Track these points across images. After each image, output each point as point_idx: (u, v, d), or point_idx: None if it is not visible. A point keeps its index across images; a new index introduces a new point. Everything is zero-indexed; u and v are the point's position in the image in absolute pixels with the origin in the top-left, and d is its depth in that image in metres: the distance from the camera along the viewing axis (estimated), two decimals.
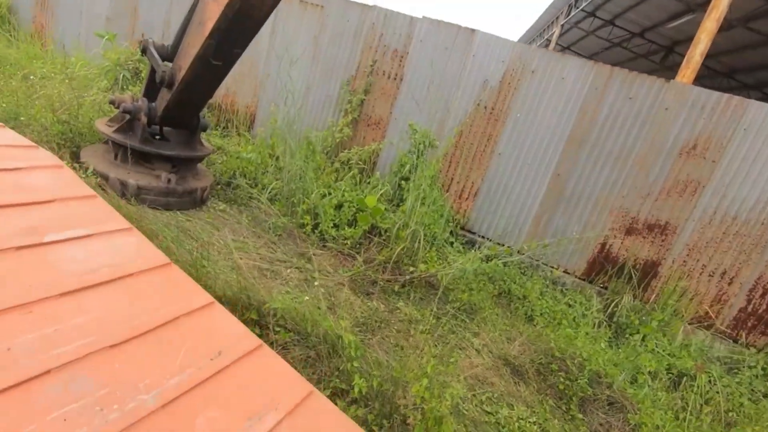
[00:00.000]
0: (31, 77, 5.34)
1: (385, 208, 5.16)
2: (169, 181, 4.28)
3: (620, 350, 4.40)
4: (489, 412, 3.12)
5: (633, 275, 5.40)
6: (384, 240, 4.68)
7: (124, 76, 6.35)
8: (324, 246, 4.73)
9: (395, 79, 6.37)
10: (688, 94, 5.06)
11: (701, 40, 5.56)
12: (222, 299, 3.11)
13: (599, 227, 5.55)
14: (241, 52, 3.81)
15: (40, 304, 1.28)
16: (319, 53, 6.75)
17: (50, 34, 9.01)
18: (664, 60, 16.53)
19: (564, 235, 5.69)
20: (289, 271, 4.12)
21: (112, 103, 4.28)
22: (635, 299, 5.32)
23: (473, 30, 5.86)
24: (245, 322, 3.00)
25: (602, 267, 5.58)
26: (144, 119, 4.16)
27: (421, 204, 4.58)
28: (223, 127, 7.06)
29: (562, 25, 16.29)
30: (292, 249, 4.53)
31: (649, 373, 3.83)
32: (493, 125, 5.90)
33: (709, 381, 3.95)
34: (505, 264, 4.94)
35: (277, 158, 5.39)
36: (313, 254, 4.52)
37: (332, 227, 4.74)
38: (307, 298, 2.97)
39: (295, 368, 2.75)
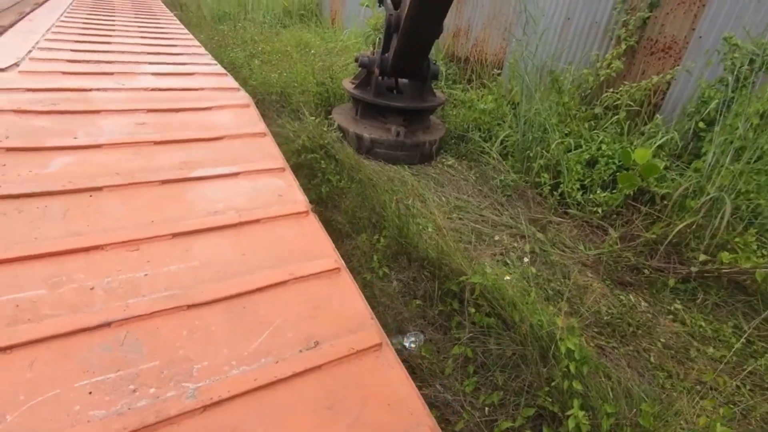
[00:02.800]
0: (312, 51, 6.30)
1: (666, 167, 3.60)
2: (398, 134, 4.20)
3: None
4: None
5: None
6: (658, 211, 3.25)
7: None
8: (565, 213, 3.70)
9: None
10: None
11: None
12: (424, 262, 2.76)
13: None
14: None
15: (148, 243, 1.15)
16: None
17: (341, 18, 10.67)
18: None
19: None
20: (512, 239, 3.40)
21: (356, 61, 4.47)
22: None
23: None
24: (444, 293, 2.55)
25: None
26: (377, 71, 4.14)
27: (733, 160, 2.88)
28: (468, 80, 6.63)
29: None
30: (522, 213, 3.74)
31: None
32: None
33: None
34: None
35: (516, 106, 4.54)
36: (549, 222, 3.60)
37: (578, 189, 3.64)
38: (508, 277, 2.22)
39: (488, 367, 2.12)
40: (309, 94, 4.79)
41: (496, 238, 3.39)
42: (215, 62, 2.60)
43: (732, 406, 2.13)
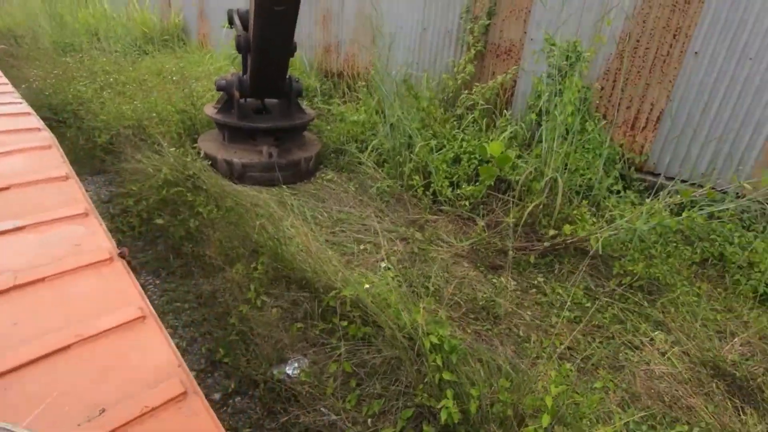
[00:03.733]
0: (175, 78, 5.90)
1: (518, 155, 4.00)
2: (270, 155, 4.09)
3: None
4: None
5: None
6: (514, 197, 3.59)
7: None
8: (439, 210, 3.92)
9: None
10: None
11: None
12: (302, 283, 2.69)
13: None
14: None
15: None
16: None
17: (209, 41, 10.20)
18: None
19: None
20: (393, 243, 3.49)
21: (215, 84, 4.27)
22: None
23: None
24: (324, 311, 2.51)
25: None
26: (237, 93, 4.01)
27: (562, 142, 3.30)
28: (342, 94, 6.75)
29: None
30: (402, 216, 3.87)
31: None
32: (683, 12, 3.97)
33: None
34: (711, 216, 3.25)
35: (384, 115, 4.73)
36: (426, 221, 3.77)
37: (447, 186, 3.88)
38: (367, 285, 2.26)
39: (369, 377, 2.12)
40: (170, 124, 4.46)
41: (379, 244, 3.45)
42: (20, 100, 2.26)
43: (576, 356, 2.40)
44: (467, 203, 3.74)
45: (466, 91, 5.12)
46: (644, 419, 2.10)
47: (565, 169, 3.29)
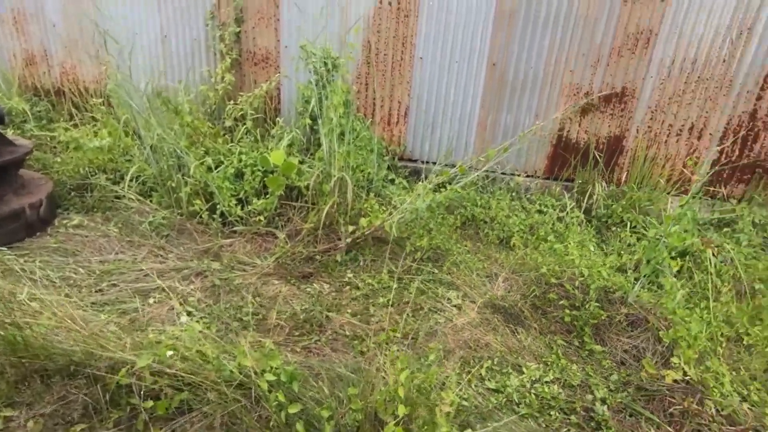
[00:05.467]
0: None
1: (301, 161, 4.02)
2: None
3: (611, 248, 3.79)
4: (495, 390, 2.34)
5: (599, 158, 4.73)
6: (307, 202, 3.61)
7: None
8: (233, 232, 3.59)
9: None
10: None
11: None
12: (70, 369, 2.00)
13: (552, 113, 4.74)
14: None
15: None
16: None
17: None
18: None
19: (515, 133, 4.86)
20: (187, 282, 3.00)
21: None
22: (607, 184, 4.70)
23: None
24: (115, 393, 1.93)
25: (564, 159, 4.86)
26: None
27: (340, 143, 3.48)
28: (70, 116, 5.37)
29: None
30: (190, 249, 3.37)
31: (653, 266, 3.20)
32: (405, 23, 4.73)
33: (713, 254, 3.42)
34: (463, 187, 4.04)
35: (140, 136, 3.99)
36: (220, 247, 3.39)
37: (235, 204, 3.58)
38: (176, 332, 1.89)
39: None
40: None
41: (171, 288, 2.90)
42: None
43: (399, 336, 2.62)
44: (262, 218, 3.54)
45: (232, 102, 4.83)
46: (461, 361, 2.45)
47: (349, 167, 3.50)
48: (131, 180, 3.75)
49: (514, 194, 4.68)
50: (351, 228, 3.31)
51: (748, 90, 4.35)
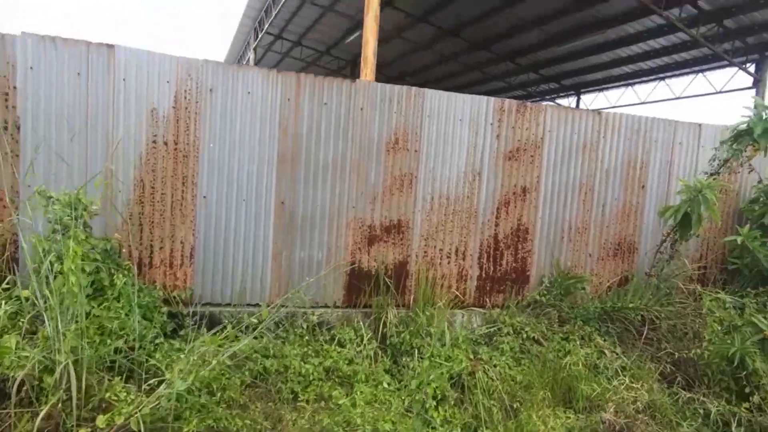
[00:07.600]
0: None
1: (32, 334, 3.08)
2: None
3: (405, 379, 3.85)
4: None
5: (389, 284, 5.07)
6: (26, 399, 2.66)
7: None
8: None
9: (6, 129, 4.14)
10: (374, 90, 4.97)
11: (369, 40, 5.70)
12: None
13: (342, 246, 4.98)
14: None
15: None
16: None
17: None
18: (353, 72, 18.60)
19: (310, 267, 4.89)
20: None
21: None
22: (399, 307, 5.01)
23: (111, 46, 4.28)
24: None
25: (359, 287, 5.06)
26: None
27: (75, 318, 2.78)
28: None
29: (255, 50, 16.11)
30: None
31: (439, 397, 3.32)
32: (185, 163, 4.52)
33: (485, 371, 3.79)
34: (256, 337, 3.66)
35: None
36: None
37: None
38: None
39: None
40: None
41: None
42: None
43: None
44: None
45: None
46: None
47: (89, 344, 2.77)
48: None
49: (314, 329, 4.52)
50: (84, 431, 2.51)
51: (488, 219, 5.44)
